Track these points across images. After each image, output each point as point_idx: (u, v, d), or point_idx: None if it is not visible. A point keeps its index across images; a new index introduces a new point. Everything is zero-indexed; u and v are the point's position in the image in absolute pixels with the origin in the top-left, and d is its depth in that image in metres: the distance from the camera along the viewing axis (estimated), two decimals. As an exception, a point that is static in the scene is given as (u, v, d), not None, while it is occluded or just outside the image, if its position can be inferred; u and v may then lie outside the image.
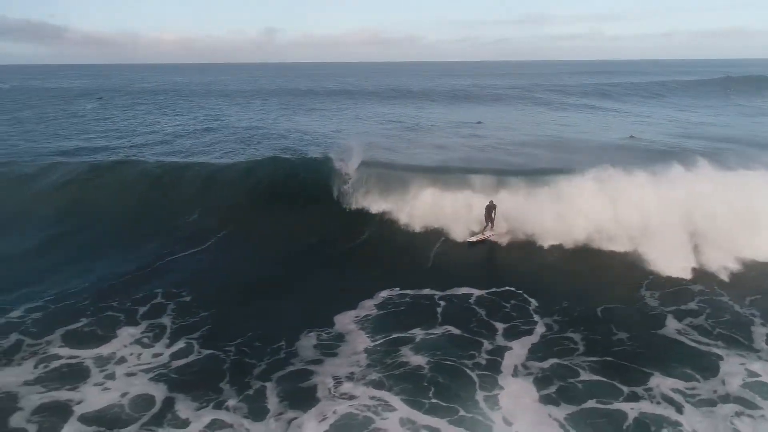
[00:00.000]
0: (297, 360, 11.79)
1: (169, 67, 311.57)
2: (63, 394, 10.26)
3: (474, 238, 18.00)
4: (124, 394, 10.32)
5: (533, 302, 14.19)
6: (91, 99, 68.71)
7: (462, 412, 9.89)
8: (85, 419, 9.63)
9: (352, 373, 11.25)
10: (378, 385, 10.82)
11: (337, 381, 10.97)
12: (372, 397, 10.42)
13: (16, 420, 9.58)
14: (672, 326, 12.82)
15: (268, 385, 10.87)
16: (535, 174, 19.86)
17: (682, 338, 12.30)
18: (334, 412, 10.04)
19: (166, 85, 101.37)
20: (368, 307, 14.19)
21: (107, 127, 42.92)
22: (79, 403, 10.02)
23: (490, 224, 18.04)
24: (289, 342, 12.46)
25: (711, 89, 78.37)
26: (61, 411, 9.81)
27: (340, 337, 12.73)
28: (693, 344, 12.06)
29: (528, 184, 18.86)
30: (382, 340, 12.53)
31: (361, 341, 12.55)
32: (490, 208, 17.87)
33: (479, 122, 42.30)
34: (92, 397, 10.21)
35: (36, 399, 10.10)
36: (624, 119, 47.79)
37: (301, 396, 10.50)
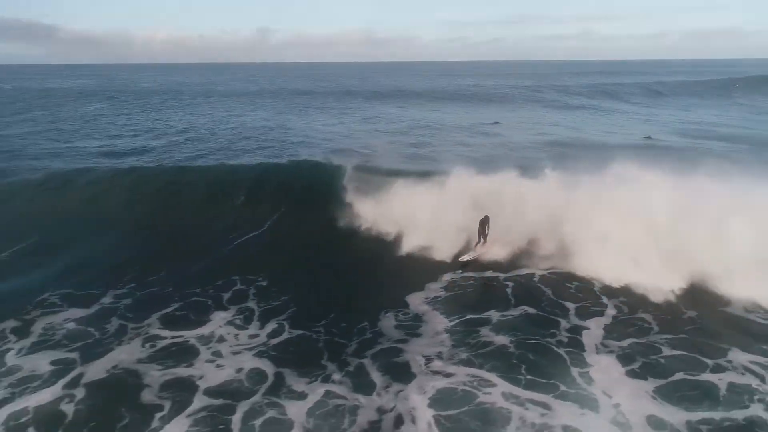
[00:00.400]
0: (384, 339, 12.24)
1: (166, 66, 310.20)
2: (182, 371, 10.68)
3: (466, 257, 16.47)
4: (238, 370, 10.75)
5: (596, 283, 14.72)
6: (101, 99, 68.62)
7: (563, 387, 10.26)
8: (210, 392, 10.05)
9: (440, 352, 11.66)
10: (468, 363, 11.21)
11: (428, 359, 11.37)
12: (467, 374, 10.79)
13: (147, 396, 9.97)
14: (738, 305, 13.42)
15: (365, 362, 11.30)
16: (580, 173, 19.24)
17: (751, 316, 12.93)
18: (433, 387, 10.48)
19: (169, 85, 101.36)
20: (435, 290, 14.73)
21: (128, 127, 43.10)
22: (200, 378, 10.45)
23: (482, 240, 16.70)
24: (371, 323, 12.93)
25: (714, 89, 79.81)
26: (186, 386, 10.23)
27: (418, 318, 13.21)
28: (763, 321, 12.70)
29: (579, 183, 18.02)
30: (458, 320, 13.00)
31: (439, 321, 13.01)
32: (484, 223, 16.64)
33: (496, 122, 42.74)
34: (210, 372, 10.64)
35: (158, 376, 10.51)
36: (633, 119, 48.78)
37: (399, 372, 10.90)
